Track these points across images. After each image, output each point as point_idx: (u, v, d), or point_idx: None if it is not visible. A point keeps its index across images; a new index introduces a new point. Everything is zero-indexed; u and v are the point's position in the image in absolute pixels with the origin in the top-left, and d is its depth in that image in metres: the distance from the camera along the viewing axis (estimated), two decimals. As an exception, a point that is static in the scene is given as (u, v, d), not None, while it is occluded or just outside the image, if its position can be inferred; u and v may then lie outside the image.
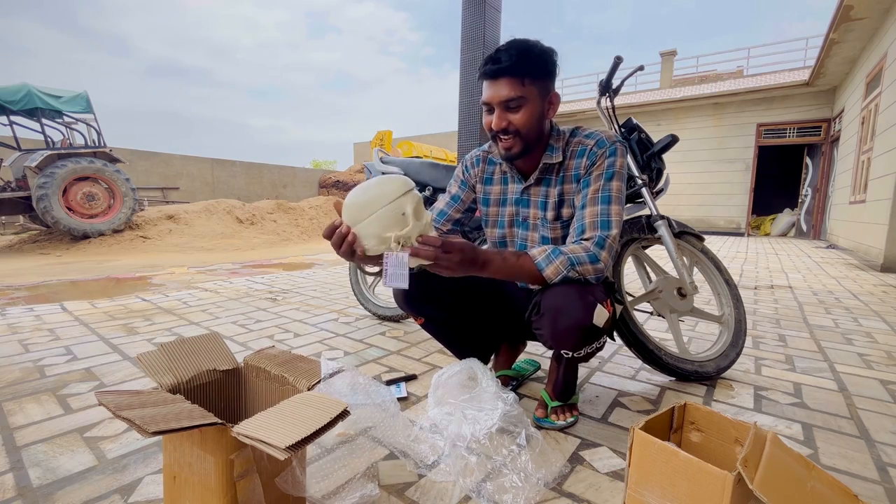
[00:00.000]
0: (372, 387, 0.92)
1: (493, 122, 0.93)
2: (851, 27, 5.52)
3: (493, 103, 0.92)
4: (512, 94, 0.89)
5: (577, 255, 0.88)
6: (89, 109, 6.34)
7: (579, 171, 0.98)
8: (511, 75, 0.89)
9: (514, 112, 0.92)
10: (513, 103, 0.91)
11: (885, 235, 4.09)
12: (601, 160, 0.96)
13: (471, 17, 3.34)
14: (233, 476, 0.60)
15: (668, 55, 12.56)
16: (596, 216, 0.93)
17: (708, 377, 1.34)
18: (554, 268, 0.88)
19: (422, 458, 0.89)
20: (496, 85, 0.90)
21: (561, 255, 0.88)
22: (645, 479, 0.64)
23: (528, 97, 0.91)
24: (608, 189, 0.94)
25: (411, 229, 0.79)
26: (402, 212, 0.79)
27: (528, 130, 0.94)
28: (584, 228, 0.93)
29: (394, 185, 0.80)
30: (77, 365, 1.45)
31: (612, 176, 0.95)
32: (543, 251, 0.89)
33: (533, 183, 1.04)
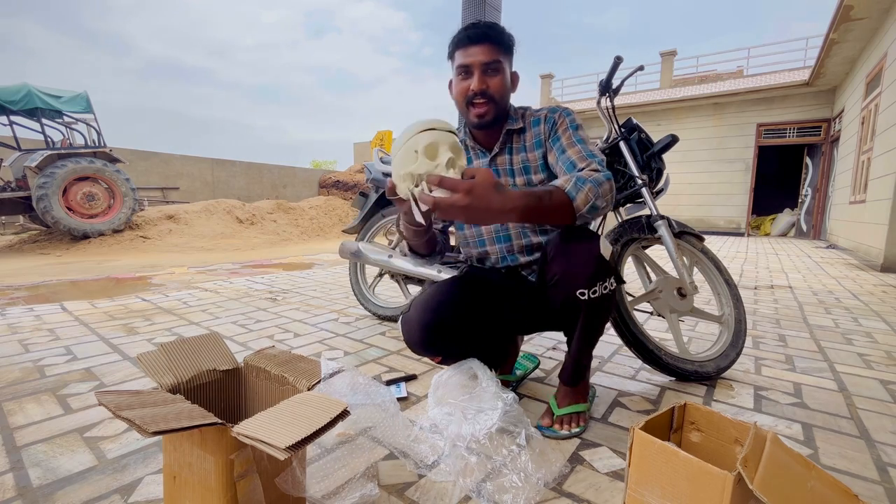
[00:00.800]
0: (372, 387, 0.92)
1: (473, 83, 0.97)
2: (851, 27, 5.52)
3: (473, 65, 0.97)
4: (492, 56, 0.96)
5: (594, 177, 0.88)
6: (89, 109, 6.34)
7: (540, 138, 1.06)
8: (490, 42, 0.96)
9: (492, 76, 0.98)
10: (492, 67, 0.97)
11: (885, 235, 4.09)
12: (560, 119, 1.04)
13: (471, 17, 3.34)
14: (233, 476, 0.60)
15: (668, 55, 12.56)
16: (580, 152, 0.98)
17: (708, 377, 1.34)
18: (584, 195, 0.86)
19: (422, 458, 0.89)
20: (477, 48, 0.96)
21: (586, 181, 0.87)
22: (645, 479, 0.64)
23: (503, 64, 0.99)
24: (578, 135, 1.02)
25: (416, 166, 0.77)
26: (415, 149, 0.77)
27: (502, 97, 1.00)
28: (574, 163, 0.97)
29: (416, 124, 0.79)
30: (77, 365, 1.45)
31: (576, 127, 1.03)
32: (568, 180, 0.87)
33: (497, 152, 1.09)
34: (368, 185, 2.05)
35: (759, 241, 7.83)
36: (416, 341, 1.03)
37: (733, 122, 9.23)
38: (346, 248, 1.99)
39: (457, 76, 1.01)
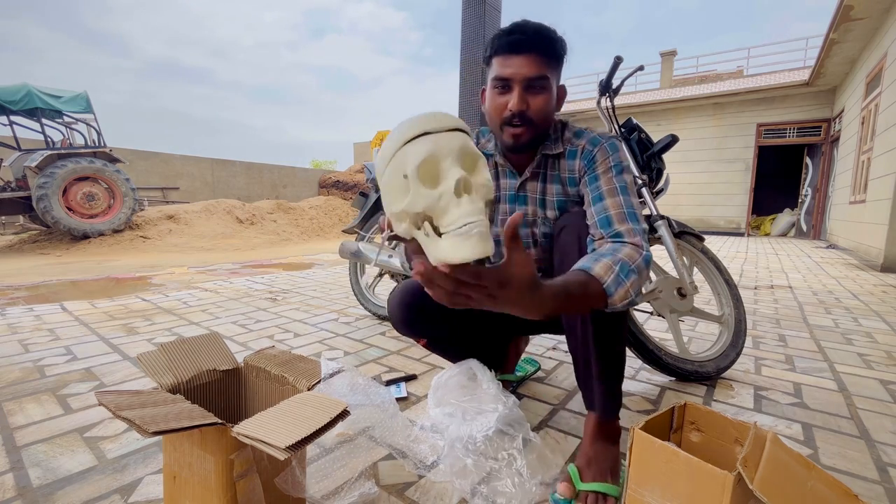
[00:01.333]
0: (371, 387, 0.93)
1: (513, 102, 0.81)
2: (851, 27, 5.52)
3: (514, 80, 0.80)
4: (538, 71, 0.79)
5: (637, 263, 0.74)
6: (89, 109, 6.34)
7: (575, 176, 0.91)
8: (539, 52, 0.79)
9: (535, 94, 0.81)
10: (537, 83, 0.80)
11: (885, 235, 4.09)
12: (602, 156, 0.88)
13: (471, 17, 3.34)
14: (233, 476, 0.60)
15: (668, 55, 12.56)
16: (621, 207, 0.82)
17: (708, 377, 1.34)
18: (624, 292, 0.71)
19: (421, 458, 0.89)
20: (521, 60, 0.79)
21: (631, 274, 0.72)
22: (645, 479, 0.64)
23: (551, 80, 0.81)
24: (623, 181, 0.85)
25: (410, 201, 0.51)
26: (404, 172, 0.51)
27: (544, 119, 0.85)
28: (610, 221, 0.81)
29: (402, 126, 0.52)
30: (77, 365, 1.45)
31: (621, 170, 0.87)
32: (610, 268, 0.71)
33: (529, 177, 0.94)
34: (368, 185, 2.06)
35: (759, 241, 7.83)
36: (396, 320, 1.00)
37: (733, 122, 9.24)
38: (346, 248, 1.99)
39: (492, 88, 0.84)
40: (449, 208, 0.49)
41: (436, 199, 0.49)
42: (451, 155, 0.50)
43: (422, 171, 0.50)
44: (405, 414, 1.11)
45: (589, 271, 0.70)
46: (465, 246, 0.48)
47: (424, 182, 0.50)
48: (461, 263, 0.49)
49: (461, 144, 0.51)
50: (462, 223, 0.48)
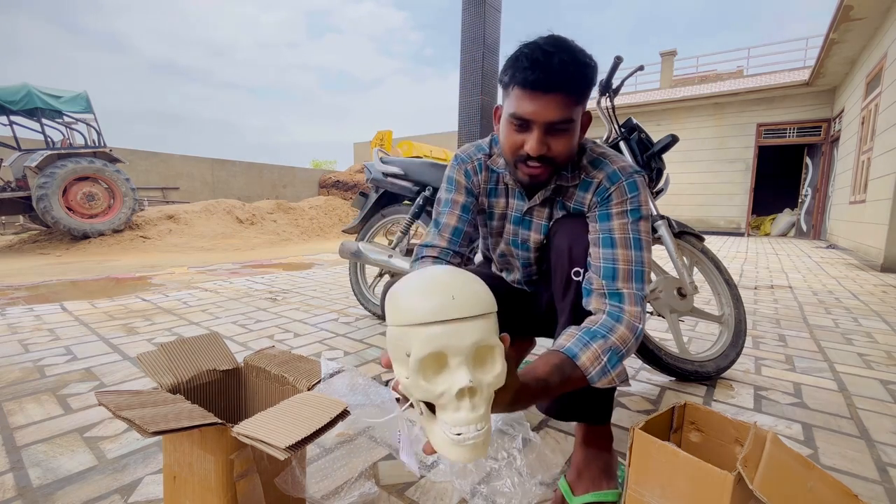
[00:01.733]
0: (371, 387, 0.93)
1: (531, 145, 0.73)
2: (851, 27, 5.52)
3: (536, 122, 0.72)
4: (562, 115, 0.71)
5: (628, 344, 0.71)
6: (89, 109, 6.34)
7: (581, 207, 0.85)
8: (565, 92, 0.70)
9: (556, 137, 0.74)
10: (560, 126, 0.72)
11: (885, 235, 4.09)
12: (618, 195, 0.80)
13: (471, 17, 3.34)
14: (233, 476, 0.60)
15: (668, 55, 12.57)
16: (630, 263, 0.76)
17: (708, 377, 1.34)
18: (608, 380, 0.69)
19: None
20: (545, 100, 0.70)
21: (618, 363, 0.69)
22: (645, 479, 0.64)
23: (575, 120, 0.74)
24: (638, 231, 0.78)
25: (410, 384, 0.48)
26: (406, 352, 0.48)
27: (566, 160, 0.78)
28: (615, 275, 0.75)
29: (417, 297, 0.48)
30: (77, 365, 1.45)
31: (639, 217, 0.79)
32: (597, 359, 0.68)
33: (538, 204, 0.89)
34: (368, 185, 2.05)
35: (759, 241, 7.83)
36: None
37: (733, 122, 9.24)
38: (346, 248, 1.99)
39: (509, 122, 0.76)
40: (447, 409, 0.47)
41: (436, 395, 0.47)
42: (463, 353, 0.46)
43: (424, 364, 0.47)
44: (405, 414, 1.11)
45: (574, 360, 0.67)
46: (455, 453, 0.47)
47: (426, 375, 0.47)
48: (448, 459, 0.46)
49: (476, 340, 0.47)
50: (457, 431, 0.47)
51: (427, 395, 0.47)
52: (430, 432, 0.50)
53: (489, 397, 0.49)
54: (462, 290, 0.48)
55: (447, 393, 0.46)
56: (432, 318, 0.45)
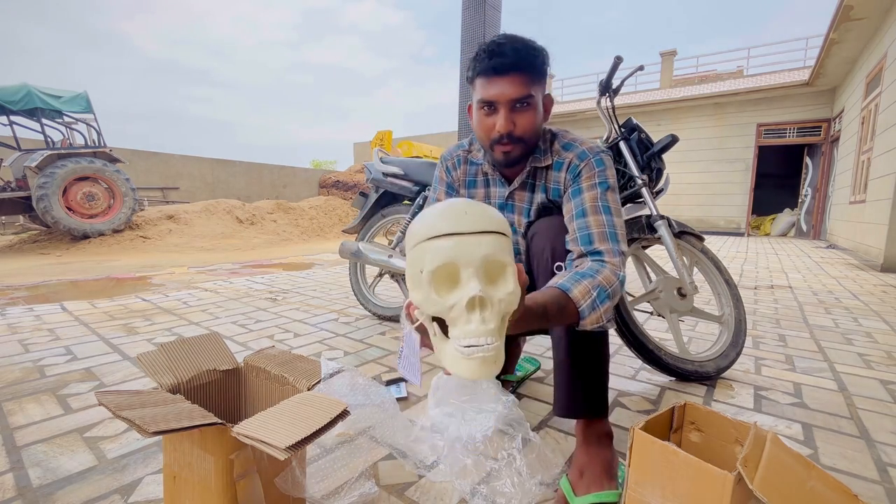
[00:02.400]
0: (371, 387, 0.93)
1: (499, 123, 0.83)
2: (851, 27, 5.52)
3: (499, 102, 0.82)
4: (522, 91, 0.81)
5: (613, 287, 0.76)
6: (89, 109, 6.34)
7: (558, 186, 0.92)
8: (521, 72, 0.81)
9: (521, 113, 0.83)
10: (522, 103, 0.82)
11: (885, 235, 4.09)
12: (588, 171, 0.88)
13: (471, 17, 3.34)
14: (233, 476, 0.60)
15: (668, 55, 12.56)
16: (603, 226, 0.83)
17: (708, 377, 1.34)
18: (596, 317, 0.74)
19: (421, 458, 0.89)
20: (504, 81, 0.81)
21: (606, 300, 0.74)
22: (645, 479, 0.64)
23: (535, 97, 0.83)
24: (606, 200, 0.86)
25: (423, 300, 0.50)
26: (420, 268, 0.50)
27: (532, 135, 0.87)
28: (591, 239, 0.82)
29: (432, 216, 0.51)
30: (77, 365, 1.45)
31: (607, 188, 0.87)
32: (587, 293, 0.73)
33: (517, 187, 0.96)
34: (368, 185, 2.05)
35: (759, 241, 7.83)
36: None
37: (733, 122, 9.24)
38: (346, 248, 1.99)
39: (479, 109, 0.86)
40: (458, 322, 0.48)
41: (447, 308, 0.48)
42: (473, 265, 0.47)
43: (436, 276, 0.48)
44: (405, 414, 1.11)
45: (568, 292, 0.72)
46: (465, 366, 0.48)
47: (438, 289, 0.48)
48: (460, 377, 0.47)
49: (486, 253, 0.48)
50: (467, 343, 0.47)
51: (439, 308, 0.48)
52: (442, 353, 0.50)
53: (501, 314, 0.48)
54: (474, 208, 0.50)
55: (458, 305, 0.47)
56: (445, 231, 0.47)
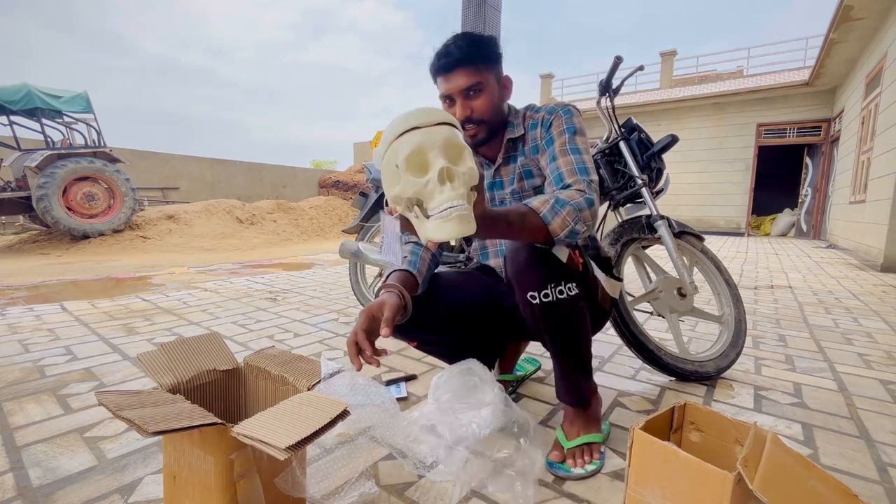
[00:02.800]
0: (371, 387, 0.92)
1: (457, 112, 0.93)
2: (851, 27, 5.52)
3: (453, 94, 0.93)
4: (470, 81, 0.91)
5: (576, 200, 0.82)
6: (89, 109, 6.34)
7: (537, 143, 0.99)
8: (466, 65, 0.91)
9: (474, 99, 0.93)
10: (472, 91, 0.92)
11: (885, 235, 4.09)
12: (557, 121, 0.96)
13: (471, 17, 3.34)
14: (233, 476, 0.60)
15: (668, 55, 12.56)
16: (571, 164, 0.90)
17: (708, 377, 1.34)
18: (561, 220, 0.79)
19: (421, 458, 0.89)
20: (453, 76, 0.91)
21: (566, 204, 0.80)
22: (645, 479, 0.64)
23: (485, 82, 0.92)
24: (574, 142, 0.93)
25: (401, 188, 0.59)
26: (395, 163, 0.59)
27: (491, 115, 0.95)
28: (562, 177, 0.90)
29: (395, 122, 0.61)
30: (77, 365, 1.45)
31: (574, 131, 0.94)
32: (546, 202, 0.81)
33: (501, 163, 1.04)
34: (368, 185, 2.05)
35: (759, 241, 7.83)
36: None
37: (733, 122, 9.23)
38: (346, 248, 1.99)
39: (443, 103, 0.97)
40: (434, 194, 0.56)
41: (422, 185, 0.57)
42: (436, 147, 0.57)
43: (410, 161, 0.57)
44: (405, 414, 1.11)
45: (528, 204, 0.81)
46: (447, 227, 0.56)
47: (412, 171, 0.57)
48: (445, 240, 0.57)
49: (446, 136, 0.58)
50: (444, 207, 0.56)
51: (416, 188, 0.57)
52: (425, 228, 0.58)
53: (466, 183, 0.58)
54: (429, 109, 0.61)
55: (431, 180, 0.56)
56: (410, 126, 0.58)
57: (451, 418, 0.92)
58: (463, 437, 0.88)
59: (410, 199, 0.58)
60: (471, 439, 0.87)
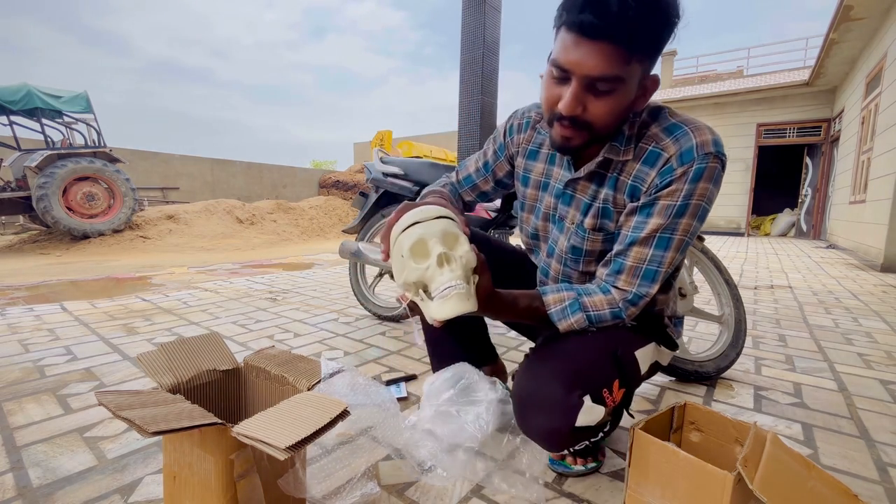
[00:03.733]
0: (372, 387, 0.92)
1: (565, 102, 0.62)
2: (851, 27, 5.52)
3: (574, 73, 0.60)
4: (609, 71, 0.59)
5: (599, 311, 0.70)
6: (89, 109, 6.34)
7: (639, 186, 0.71)
8: (617, 42, 0.57)
9: (599, 97, 0.62)
10: (604, 85, 0.61)
11: (885, 235, 4.09)
12: (679, 183, 0.66)
13: (471, 17, 3.33)
14: (233, 476, 0.60)
15: (668, 55, 12.57)
16: (643, 262, 0.70)
17: (708, 377, 1.34)
18: (567, 324, 0.72)
19: (421, 458, 0.88)
20: (588, 48, 0.58)
21: (580, 311, 0.70)
22: (645, 479, 0.64)
23: (627, 80, 0.61)
24: (674, 229, 0.68)
25: (407, 274, 0.64)
26: (401, 254, 0.65)
27: (607, 125, 0.66)
28: (621, 269, 0.71)
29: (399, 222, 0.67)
30: (77, 365, 1.45)
31: (684, 211, 0.67)
32: (561, 300, 0.71)
33: (583, 176, 0.76)
34: (368, 185, 2.05)
35: (759, 241, 7.83)
36: None
37: (733, 122, 9.24)
38: (346, 248, 1.99)
39: (549, 71, 0.65)
40: (434, 277, 0.62)
41: (424, 270, 0.63)
42: (435, 236, 0.64)
43: (413, 251, 0.64)
44: (405, 414, 1.11)
45: (543, 295, 0.74)
46: (447, 305, 0.61)
47: (416, 259, 0.64)
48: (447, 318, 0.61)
49: (443, 228, 0.65)
50: (444, 287, 0.61)
51: (419, 272, 0.63)
52: (428, 308, 0.63)
53: (464, 266, 0.63)
54: (426, 209, 0.67)
55: (431, 265, 0.62)
56: (412, 222, 0.65)
57: (448, 421, 0.92)
58: (462, 438, 0.88)
59: (416, 283, 0.64)
60: (470, 440, 0.87)
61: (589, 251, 0.80)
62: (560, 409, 0.66)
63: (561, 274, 0.88)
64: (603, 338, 0.73)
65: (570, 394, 0.66)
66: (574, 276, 0.85)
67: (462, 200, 1.01)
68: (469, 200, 1.01)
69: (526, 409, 0.70)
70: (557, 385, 0.67)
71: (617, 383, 0.69)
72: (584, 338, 0.73)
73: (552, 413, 0.66)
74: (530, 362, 0.74)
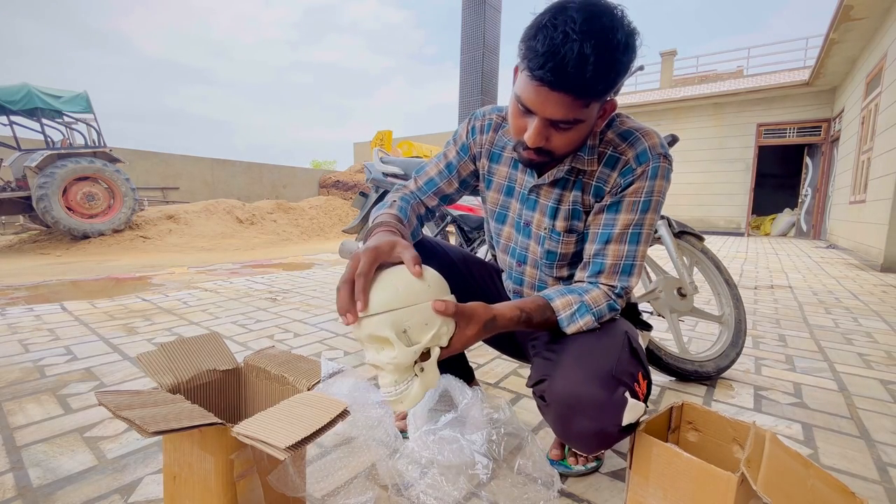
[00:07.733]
0: (372, 387, 0.92)
1: (529, 135, 0.68)
2: (851, 27, 5.52)
3: (537, 113, 0.66)
4: (569, 115, 0.64)
5: (599, 307, 0.73)
6: (89, 109, 6.34)
7: (603, 187, 0.77)
8: (575, 95, 0.62)
9: (560, 132, 0.68)
10: (565, 124, 0.66)
11: (885, 235, 4.09)
12: (640, 182, 0.73)
13: (471, 17, 3.34)
14: (233, 476, 0.60)
15: (668, 55, 12.57)
16: (620, 258, 0.75)
17: (708, 377, 1.34)
18: (577, 327, 0.73)
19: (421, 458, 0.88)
20: (550, 98, 0.63)
21: (587, 313, 0.72)
22: (646, 481, 0.64)
23: (585, 119, 0.67)
24: (641, 224, 0.75)
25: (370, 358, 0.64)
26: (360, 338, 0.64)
27: (569, 152, 0.73)
28: (602, 269, 0.76)
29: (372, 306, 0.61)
30: (77, 365, 1.45)
31: (648, 207, 0.74)
32: (569, 305, 0.73)
33: (548, 182, 0.80)
34: (368, 185, 2.05)
35: (759, 241, 7.83)
36: None
37: (733, 122, 9.24)
38: (346, 248, 1.99)
39: (514, 100, 0.69)
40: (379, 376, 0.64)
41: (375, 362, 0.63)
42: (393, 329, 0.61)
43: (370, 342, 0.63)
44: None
45: (550, 302, 0.74)
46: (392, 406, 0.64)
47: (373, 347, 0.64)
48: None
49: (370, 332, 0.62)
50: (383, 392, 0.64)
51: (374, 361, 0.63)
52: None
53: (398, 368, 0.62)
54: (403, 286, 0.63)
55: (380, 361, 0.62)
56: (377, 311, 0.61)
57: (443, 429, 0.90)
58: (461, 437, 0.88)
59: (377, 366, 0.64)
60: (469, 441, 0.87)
61: (563, 255, 0.83)
62: (608, 410, 0.65)
63: (537, 280, 0.90)
64: (615, 333, 0.74)
65: (613, 394, 0.65)
66: (549, 282, 0.88)
67: (424, 207, 0.95)
68: (432, 206, 0.96)
69: (570, 415, 0.68)
70: (599, 387, 0.66)
71: (641, 374, 0.71)
72: (598, 335, 0.73)
73: (601, 416, 0.66)
74: (558, 368, 0.71)
